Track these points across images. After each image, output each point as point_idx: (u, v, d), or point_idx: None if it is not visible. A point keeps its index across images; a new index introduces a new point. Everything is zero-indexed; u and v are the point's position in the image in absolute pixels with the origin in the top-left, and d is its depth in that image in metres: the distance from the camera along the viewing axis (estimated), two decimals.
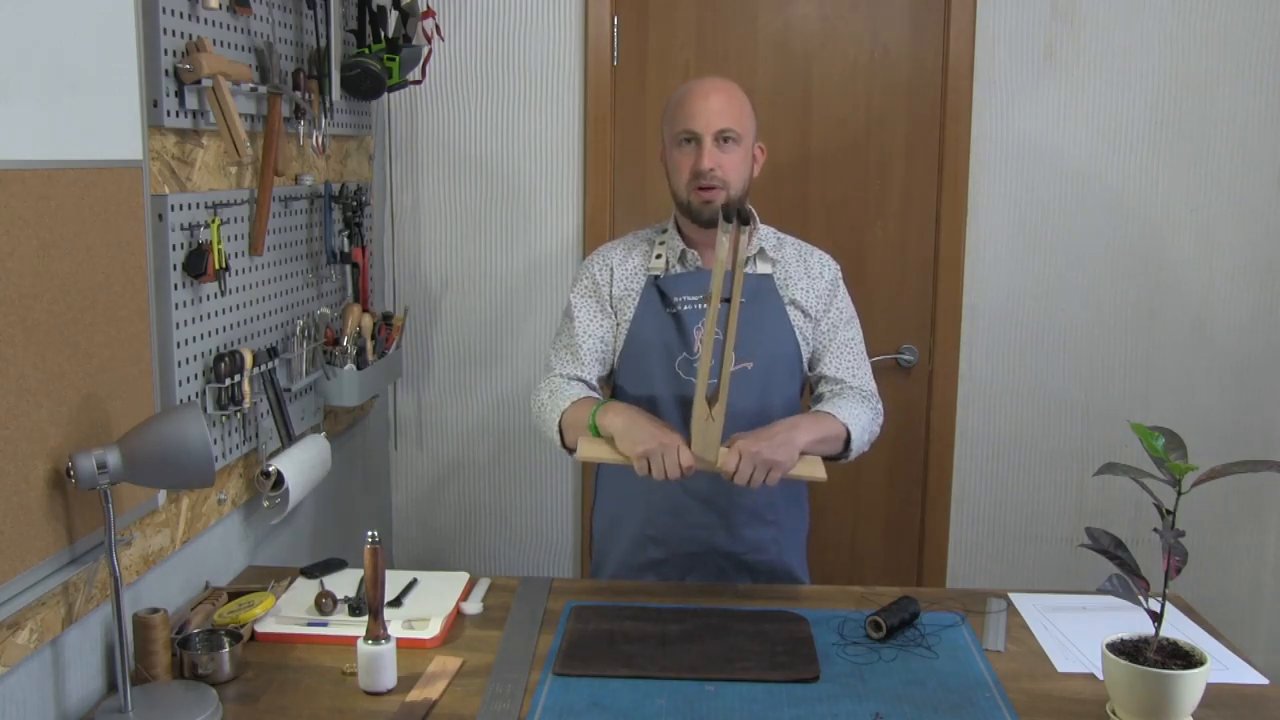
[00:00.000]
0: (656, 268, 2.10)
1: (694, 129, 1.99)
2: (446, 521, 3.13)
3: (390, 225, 2.98)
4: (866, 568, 3.12)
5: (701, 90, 2.02)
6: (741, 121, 2.02)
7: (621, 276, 2.12)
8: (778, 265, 2.12)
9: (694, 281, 2.08)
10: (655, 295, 2.08)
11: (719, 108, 1.99)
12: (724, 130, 1.99)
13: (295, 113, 2.24)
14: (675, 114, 2.03)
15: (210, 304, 1.92)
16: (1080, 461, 3.01)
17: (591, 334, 2.10)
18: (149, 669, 1.63)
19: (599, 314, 2.12)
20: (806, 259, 2.16)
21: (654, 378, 2.06)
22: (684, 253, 2.10)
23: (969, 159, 2.90)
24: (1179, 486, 1.51)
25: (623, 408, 1.94)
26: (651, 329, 2.07)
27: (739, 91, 2.05)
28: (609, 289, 2.12)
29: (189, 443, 1.52)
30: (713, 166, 1.98)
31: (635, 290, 2.11)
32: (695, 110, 1.99)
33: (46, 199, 1.47)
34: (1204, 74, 2.85)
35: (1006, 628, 1.86)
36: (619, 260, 2.14)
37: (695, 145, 2.00)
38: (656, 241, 2.14)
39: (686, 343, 2.05)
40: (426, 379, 3.07)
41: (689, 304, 2.06)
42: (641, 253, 2.14)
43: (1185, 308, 2.95)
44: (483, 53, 2.91)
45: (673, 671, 1.69)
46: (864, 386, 2.12)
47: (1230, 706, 1.61)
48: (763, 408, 2.04)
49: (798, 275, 2.12)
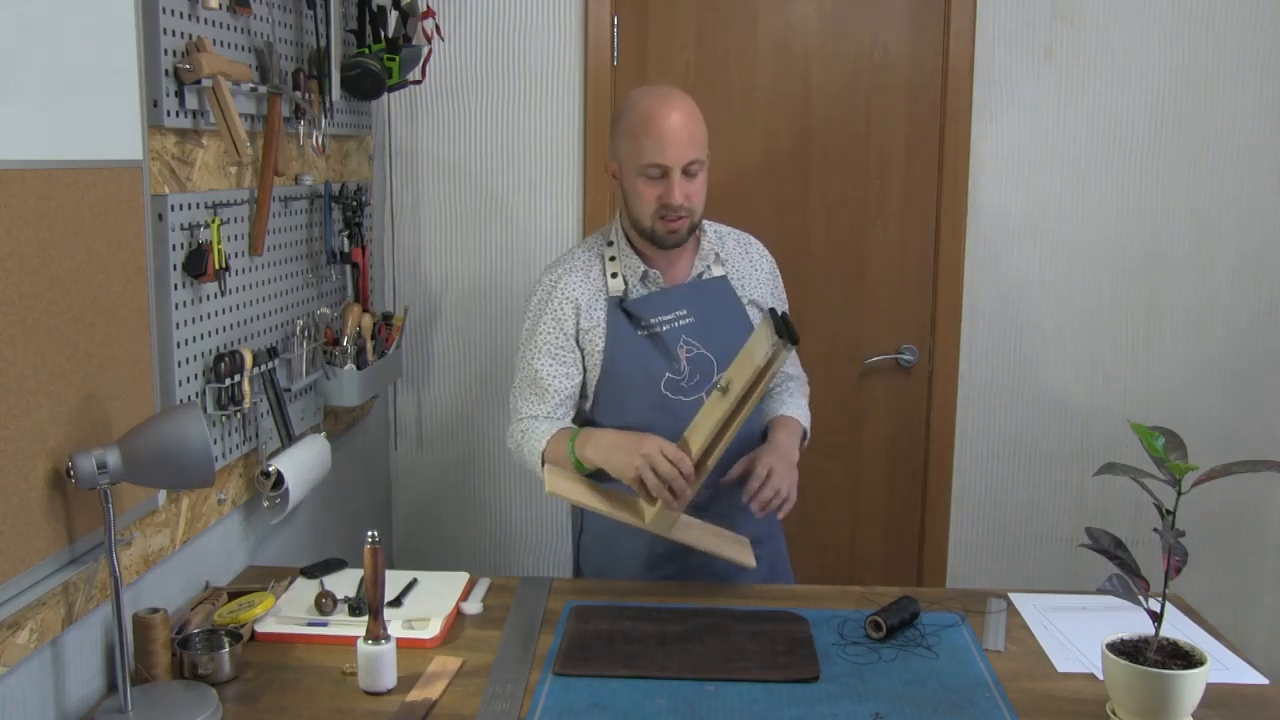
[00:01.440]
0: (615, 289, 2.04)
1: (663, 163, 1.93)
2: (446, 521, 3.13)
3: (390, 225, 2.98)
4: (866, 568, 3.12)
5: (665, 115, 1.92)
6: (703, 146, 1.97)
7: (587, 308, 2.03)
8: (728, 264, 2.13)
9: (662, 301, 2.03)
10: (622, 319, 2.02)
11: (685, 137, 1.92)
12: (691, 162, 1.94)
13: (295, 113, 2.24)
14: (640, 141, 1.94)
15: (210, 304, 1.92)
16: (1080, 461, 3.01)
17: (556, 374, 2.03)
18: (149, 669, 1.63)
19: (563, 352, 2.04)
20: (748, 251, 2.19)
21: (640, 404, 2.02)
22: (646, 273, 2.04)
23: (969, 159, 2.90)
24: (1179, 486, 1.51)
25: (598, 435, 1.94)
26: (627, 353, 2.01)
27: (694, 108, 1.98)
28: (574, 324, 2.04)
29: (189, 443, 1.52)
30: (682, 201, 1.95)
31: (600, 319, 2.03)
32: (664, 142, 1.92)
33: (46, 199, 1.47)
34: (1204, 74, 2.85)
35: (1006, 628, 1.86)
36: (580, 288, 2.04)
37: (664, 177, 1.94)
38: (606, 257, 2.07)
39: (671, 362, 2.01)
40: (426, 379, 3.07)
41: (665, 324, 2.02)
42: (596, 273, 2.06)
43: (1185, 308, 2.95)
44: (483, 53, 2.91)
45: (673, 671, 1.68)
46: (796, 374, 2.28)
47: (1230, 706, 1.61)
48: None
49: (745, 270, 2.15)
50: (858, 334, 3.03)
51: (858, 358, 3.03)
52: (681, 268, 2.09)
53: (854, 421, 3.06)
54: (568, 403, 2.06)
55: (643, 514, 1.92)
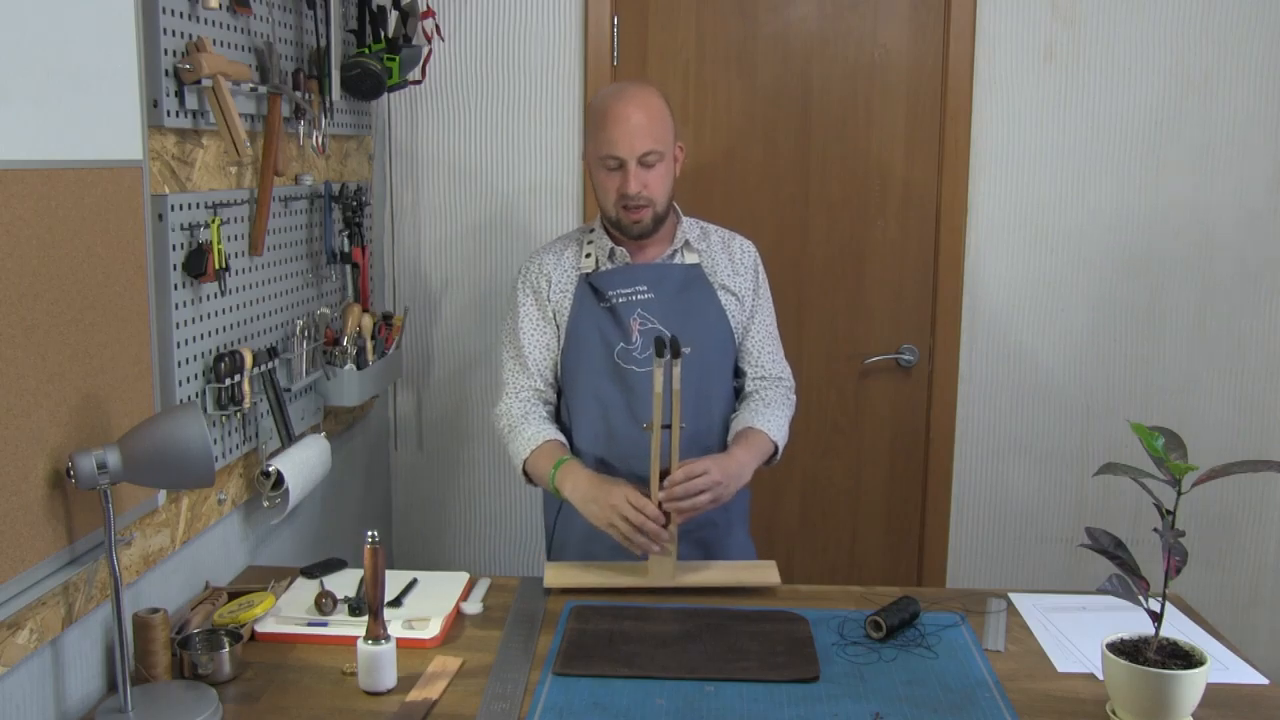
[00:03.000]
0: (587, 266, 2.16)
1: (618, 154, 2.03)
2: (446, 521, 3.13)
3: (390, 225, 2.98)
4: (866, 568, 3.12)
5: (622, 110, 2.03)
6: (662, 138, 2.06)
7: (558, 281, 2.17)
8: (703, 254, 2.20)
9: (624, 276, 2.14)
10: (588, 292, 2.14)
11: (639, 129, 2.02)
12: (647, 153, 2.03)
13: (295, 113, 2.24)
14: (598, 135, 2.06)
15: (210, 304, 1.92)
16: (1080, 461, 3.01)
17: (537, 344, 2.16)
18: (149, 669, 1.63)
19: (541, 322, 2.17)
20: (729, 245, 2.24)
21: (595, 370, 2.12)
22: (613, 250, 2.15)
23: (969, 159, 2.90)
24: (1179, 486, 1.51)
25: (575, 477, 2.00)
26: (588, 324, 2.13)
27: (658, 101, 2.08)
28: (548, 294, 2.17)
29: (189, 443, 1.52)
30: (639, 190, 2.05)
31: (569, 290, 2.16)
32: (617, 135, 2.02)
33: (46, 199, 1.47)
34: (1204, 74, 2.85)
35: (1006, 628, 1.86)
36: (554, 264, 2.18)
37: (621, 169, 2.05)
38: (585, 241, 2.20)
39: (624, 332, 2.11)
40: (426, 379, 3.07)
41: (623, 296, 2.12)
42: (572, 254, 2.20)
43: (1185, 308, 2.95)
44: (483, 53, 2.91)
45: (673, 671, 1.69)
46: (781, 375, 2.25)
47: (1230, 706, 1.61)
48: (701, 390, 2.12)
49: (723, 262, 2.21)
50: (858, 334, 3.03)
51: (858, 358, 3.03)
52: (651, 252, 2.18)
53: (854, 421, 3.06)
54: (548, 373, 2.17)
55: (644, 572, 2.00)
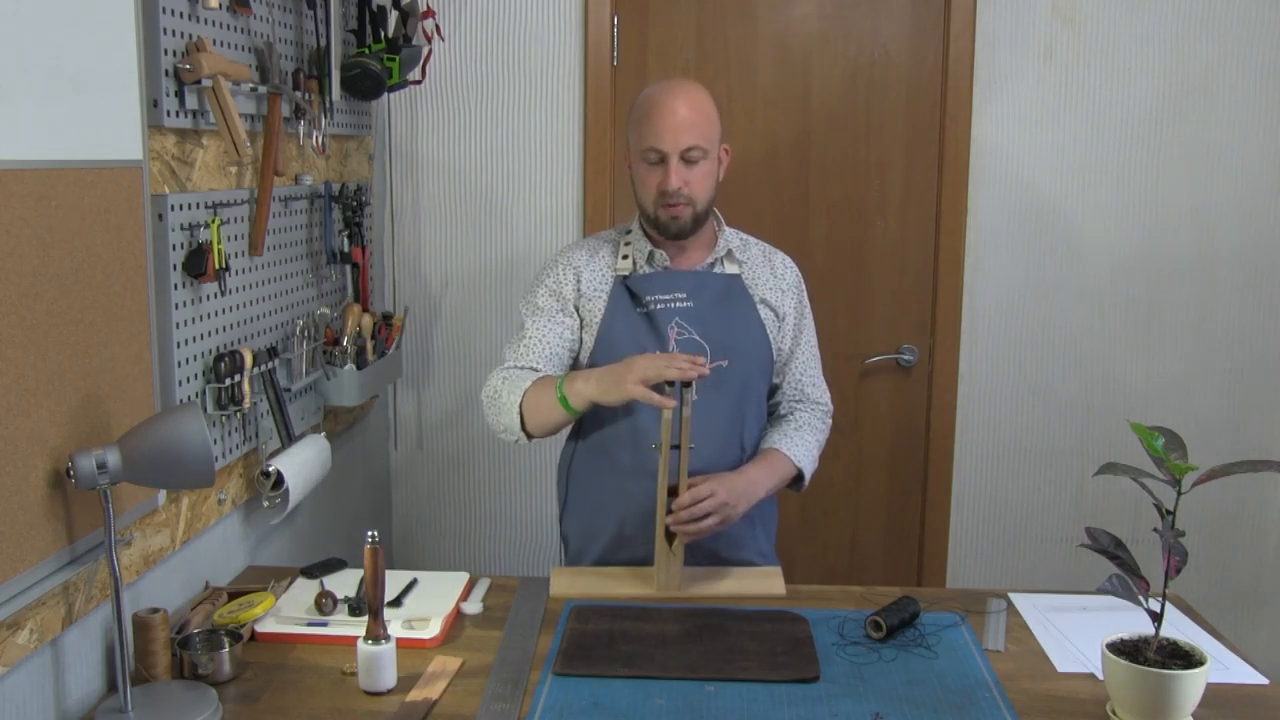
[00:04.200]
0: (624, 268, 2.10)
1: (660, 147, 1.98)
2: (446, 521, 3.13)
3: (390, 225, 2.98)
4: (866, 568, 3.12)
5: (668, 103, 1.98)
6: (708, 134, 2.01)
7: (589, 278, 2.10)
8: (744, 266, 2.15)
9: (664, 281, 2.09)
10: (625, 295, 2.08)
11: (685, 124, 1.97)
12: (690, 148, 1.98)
13: (295, 113, 2.24)
14: (641, 128, 2.01)
15: (210, 304, 1.92)
16: (1080, 461, 3.01)
17: (545, 339, 2.08)
18: (149, 669, 1.63)
19: (557, 315, 2.09)
20: (771, 259, 2.20)
21: None
22: (652, 253, 2.10)
23: (969, 158, 2.90)
24: (1179, 486, 1.51)
25: (587, 372, 1.96)
26: (622, 328, 2.06)
27: (705, 98, 2.03)
28: (574, 289, 2.10)
29: (189, 443, 1.52)
30: (679, 186, 1.99)
31: (604, 291, 2.09)
32: (661, 127, 1.97)
33: (46, 199, 1.47)
34: (1204, 74, 2.85)
35: (1006, 628, 1.86)
36: (584, 262, 2.12)
37: (662, 163, 1.99)
38: (621, 243, 2.13)
39: (660, 340, 2.05)
40: (426, 379, 3.07)
41: (661, 303, 2.07)
42: (607, 254, 2.13)
43: (1185, 308, 2.95)
44: (483, 53, 2.91)
45: (673, 671, 1.68)
46: (819, 399, 2.21)
47: (1230, 706, 1.61)
48: (738, 405, 2.08)
49: (764, 275, 2.16)
50: (858, 334, 3.03)
51: (858, 358, 3.04)
52: (691, 257, 2.13)
53: (854, 421, 3.06)
54: (550, 362, 2.08)
55: (650, 580, 2.00)
